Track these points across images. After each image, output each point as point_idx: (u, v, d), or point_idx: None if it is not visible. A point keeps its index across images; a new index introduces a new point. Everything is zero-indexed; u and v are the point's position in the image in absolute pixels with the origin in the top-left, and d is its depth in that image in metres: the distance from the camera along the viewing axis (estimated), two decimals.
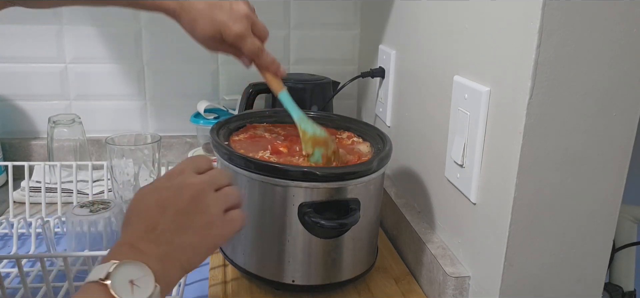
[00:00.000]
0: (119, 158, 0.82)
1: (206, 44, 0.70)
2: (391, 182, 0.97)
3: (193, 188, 0.48)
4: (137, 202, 0.47)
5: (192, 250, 0.47)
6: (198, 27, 0.67)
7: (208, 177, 0.50)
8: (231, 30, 0.67)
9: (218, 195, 0.49)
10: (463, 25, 0.68)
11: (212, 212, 0.48)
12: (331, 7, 1.18)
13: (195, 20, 0.67)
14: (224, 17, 0.67)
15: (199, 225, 0.47)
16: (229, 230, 0.49)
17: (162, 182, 0.49)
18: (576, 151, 0.57)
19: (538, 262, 0.61)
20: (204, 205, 0.48)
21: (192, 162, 0.51)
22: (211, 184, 0.49)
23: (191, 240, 0.46)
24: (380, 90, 1.02)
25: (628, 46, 0.54)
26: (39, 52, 1.11)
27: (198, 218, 0.47)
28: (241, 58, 0.72)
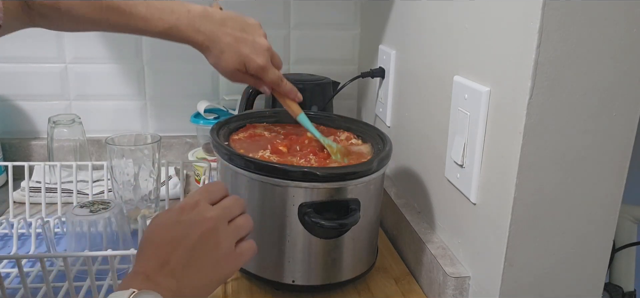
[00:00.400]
0: (119, 159, 0.82)
1: (230, 74, 0.74)
2: (391, 182, 0.97)
3: (206, 224, 0.49)
4: (151, 233, 0.49)
5: (203, 285, 0.48)
6: (224, 59, 0.72)
7: (221, 209, 0.51)
8: (255, 63, 0.73)
9: (230, 228, 0.51)
10: (463, 25, 0.68)
11: (223, 248, 0.50)
12: (331, 7, 1.18)
13: (223, 52, 0.72)
14: (248, 50, 0.73)
15: (209, 262, 0.48)
16: (238, 264, 0.51)
17: (176, 215, 0.50)
18: (576, 151, 0.57)
19: (538, 262, 0.61)
20: (215, 242, 0.49)
21: (206, 192, 0.52)
22: (224, 218, 0.51)
23: (201, 276, 0.48)
24: (380, 90, 1.02)
25: (628, 46, 0.54)
26: (39, 52, 1.11)
27: (209, 255, 0.48)
28: (261, 87, 0.76)
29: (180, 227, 0.49)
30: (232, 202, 0.53)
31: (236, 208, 0.52)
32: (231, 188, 0.71)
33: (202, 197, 0.51)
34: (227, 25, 0.73)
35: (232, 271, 0.51)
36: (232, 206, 0.52)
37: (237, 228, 0.51)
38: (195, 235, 0.48)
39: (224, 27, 0.72)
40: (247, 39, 0.73)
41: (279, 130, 0.83)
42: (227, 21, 0.73)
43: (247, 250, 0.52)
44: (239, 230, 0.52)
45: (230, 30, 0.72)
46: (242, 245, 0.52)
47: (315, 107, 1.04)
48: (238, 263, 0.51)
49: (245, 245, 0.52)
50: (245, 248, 0.52)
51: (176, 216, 0.50)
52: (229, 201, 0.53)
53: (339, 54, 1.22)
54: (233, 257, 0.50)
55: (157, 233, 0.49)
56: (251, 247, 0.52)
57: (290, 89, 0.78)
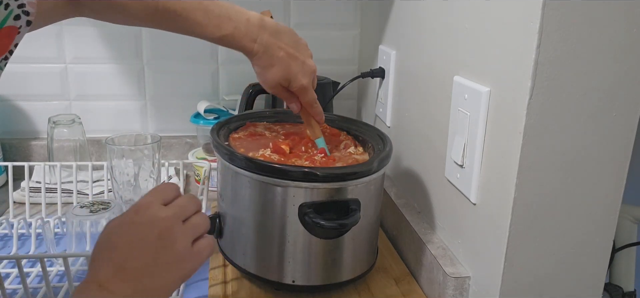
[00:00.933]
0: (119, 159, 0.82)
1: (271, 86, 0.74)
2: (391, 182, 0.97)
3: (161, 224, 0.48)
4: (106, 237, 0.47)
5: (161, 287, 0.47)
6: (273, 71, 0.72)
7: (176, 208, 0.50)
8: (300, 82, 0.73)
9: (186, 227, 0.50)
10: (463, 25, 0.68)
11: (180, 247, 0.48)
12: (331, 7, 1.18)
13: (273, 66, 0.72)
14: (297, 69, 0.73)
15: (167, 262, 0.47)
16: (197, 263, 0.50)
17: (130, 217, 0.48)
18: (576, 151, 0.57)
19: (538, 262, 0.61)
20: (172, 241, 0.48)
21: (159, 193, 0.51)
22: (179, 217, 0.49)
23: (160, 278, 0.47)
24: (380, 91, 1.02)
25: (628, 46, 0.54)
26: (39, 52, 1.11)
27: (166, 255, 0.47)
28: (292, 103, 0.77)
29: (134, 229, 0.47)
30: (186, 201, 0.52)
31: (191, 207, 0.51)
32: (231, 188, 0.71)
33: (154, 198, 0.50)
34: (282, 39, 0.72)
35: (191, 271, 0.50)
36: (187, 205, 0.51)
37: (193, 226, 0.50)
38: (151, 237, 0.47)
39: (279, 40, 0.72)
40: (299, 58, 0.73)
41: (278, 130, 0.83)
42: (281, 34, 0.72)
43: (204, 248, 0.51)
44: (195, 229, 0.50)
45: (284, 45, 0.72)
46: (199, 243, 0.51)
47: None
48: (196, 263, 0.50)
49: (202, 242, 0.51)
50: (203, 246, 0.51)
51: (130, 218, 0.48)
52: (183, 200, 0.52)
53: (339, 54, 1.22)
54: (191, 256, 0.49)
55: (111, 238, 0.47)
56: (209, 244, 0.51)
57: (319, 111, 0.78)
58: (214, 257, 0.81)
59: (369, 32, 1.14)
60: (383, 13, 1.01)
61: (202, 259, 0.50)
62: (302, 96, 0.76)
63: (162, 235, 0.48)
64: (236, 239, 0.72)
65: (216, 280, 0.76)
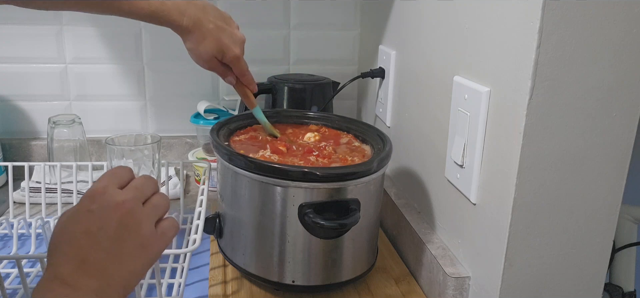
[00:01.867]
0: (119, 159, 0.82)
1: (205, 61, 0.76)
2: (391, 182, 0.97)
3: (120, 209, 0.45)
4: (62, 229, 0.44)
5: (129, 274, 0.44)
6: (205, 45, 0.74)
7: (133, 191, 0.47)
8: (232, 52, 0.76)
9: (147, 209, 0.47)
10: (463, 25, 0.68)
11: (144, 230, 0.46)
12: (331, 7, 1.18)
13: (205, 38, 0.74)
14: (227, 40, 0.75)
15: (132, 248, 0.44)
16: (163, 245, 0.47)
17: (86, 205, 0.45)
18: (576, 151, 0.57)
19: (538, 262, 0.61)
20: (135, 225, 0.45)
21: (113, 176, 0.47)
22: (138, 199, 0.46)
23: (127, 265, 0.44)
24: (380, 91, 1.02)
25: (628, 46, 0.54)
26: (39, 52, 1.11)
27: (130, 240, 0.44)
28: (227, 77, 0.80)
29: (93, 217, 0.44)
30: (143, 181, 0.48)
31: (148, 188, 0.48)
32: (231, 189, 0.71)
33: (109, 182, 0.46)
34: (209, 13, 0.74)
35: (157, 253, 0.47)
36: (144, 185, 0.48)
37: (154, 207, 0.47)
38: (111, 223, 0.44)
39: (206, 14, 0.74)
40: (227, 29, 0.76)
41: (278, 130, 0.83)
42: (207, 8, 0.75)
43: (169, 228, 0.48)
44: (156, 209, 0.48)
45: (212, 18, 0.74)
46: (162, 224, 0.48)
47: (315, 107, 1.04)
48: (162, 244, 0.47)
49: (166, 223, 0.48)
50: (167, 227, 0.48)
51: (86, 207, 0.44)
52: (140, 181, 0.48)
53: (339, 54, 1.22)
54: (156, 237, 0.46)
55: (69, 230, 0.43)
56: (173, 224, 0.49)
57: (252, 80, 0.81)
58: (214, 257, 0.81)
59: (369, 32, 1.14)
60: (383, 13, 1.01)
61: (167, 240, 0.48)
62: (236, 66, 0.78)
63: (124, 220, 0.44)
64: (236, 239, 0.72)
65: (216, 280, 0.76)
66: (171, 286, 0.73)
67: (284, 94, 1.05)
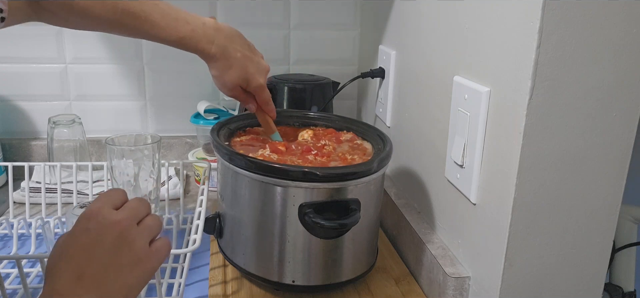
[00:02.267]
0: (119, 159, 0.82)
1: (229, 88, 0.78)
2: (391, 182, 0.97)
3: (116, 227, 0.47)
4: (59, 248, 0.46)
5: (126, 289, 0.46)
6: (230, 73, 0.76)
7: (128, 211, 0.49)
8: (257, 81, 0.78)
9: (141, 228, 0.49)
10: (463, 25, 0.68)
11: (139, 248, 0.48)
12: (331, 7, 1.18)
13: (231, 67, 0.76)
14: (254, 69, 0.77)
15: (127, 263, 0.46)
16: (156, 262, 0.49)
17: (83, 225, 0.47)
18: (576, 151, 0.57)
19: (538, 262, 0.61)
20: (129, 243, 0.47)
21: (108, 198, 0.50)
22: (132, 218, 0.49)
23: (123, 280, 0.46)
24: (380, 91, 1.02)
25: (628, 46, 0.54)
26: (39, 52, 1.11)
27: (125, 257, 0.46)
28: (249, 104, 0.80)
29: (89, 235, 0.46)
30: (137, 203, 0.51)
31: (142, 209, 0.51)
32: (231, 189, 0.71)
33: (104, 203, 0.49)
34: (236, 42, 0.76)
35: (151, 271, 0.49)
36: (138, 207, 0.50)
37: (148, 227, 0.50)
38: (108, 240, 0.46)
39: (234, 43, 0.75)
40: (253, 59, 0.77)
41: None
42: (235, 37, 0.76)
43: (162, 246, 0.50)
44: (150, 229, 0.50)
45: (239, 47, 0.76)
46: (156, 243, 0.50)
47: (315, 107, 1.04)
48: (156, 262, 0.49)
49: (159, 242, 0.50)
50: (160, 246, 0.50)
51: (83, 226, 0.47)
52: (134, 203, 0.51)
53: (339, 54, 1.22)
54: (150, 255, 0.48)
55: (66, 248, 0.46)
56: (166, 243, 0.51)
57: (273, 108, 0.82)
58: (214, 257, 0.81)
59: (369, 32, 1.14)
60: (383, 13, 1.01)
61: (161, 258, 0.50)
62: (259, 95, 0.79)
63: (119, 237, 0.47)
64: (236, 239, 0.72)
65: (216, 280, 0.76)
66: (171, 286, 0.73)
67: (284, 94, 1.05)
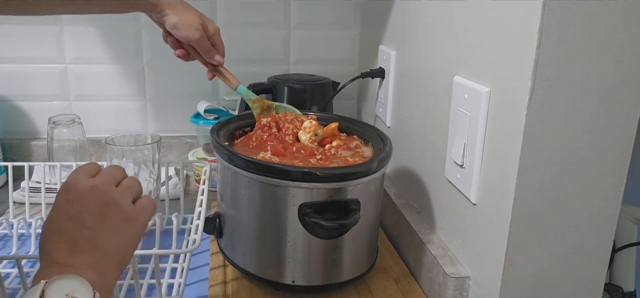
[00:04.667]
0: (119, 159, 0.82)
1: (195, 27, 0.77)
2: (391, 182, 0.97)
3: (96, 191, 0.47)
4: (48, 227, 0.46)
5: (120, 247, 0.47)
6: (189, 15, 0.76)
7: (104, 176, 0.49)
8: (214, 24, 0.79)
9: (121, 189, 0.49)
10: (463, 25, 0.68)
11: (124, 206, 0.48)
12: (331, 7, 1.18)
13: (188, 9, 0.76)
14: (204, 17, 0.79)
15: (117, 222, 0.47)
16: (145, 218, 0.50)
17: (63, 198, 0.47)
18: (576, 151, 0.57)
19: (538, 262, 0.61)
20: (113, 202, 0.48)
21: (82, 169, 0.50)
22: (110, 182, 0.49)
23: (116, 238, 0.46)
24: (380, 91, 1.02)
25: (628, 46, 0.54)
26: (39, 52, 1.11)
27: (113, 216, 0.47)
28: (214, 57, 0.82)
29: (72, 204, 0.46)
30: (112, 169, 0.51)
31: (118, 173, 0.51)
32: (231, 189, 0.71)
33: (79, 174, 0.49)
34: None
35: (141, 227, 0.49)
36: (113, 172, 0.51)
37: (128, 187, 0.50)
38: (91, 204, 0.46)
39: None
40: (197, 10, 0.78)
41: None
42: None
43: (147, 203, 0.51)
44: (130, 189, 0.50)
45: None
46: (140, 201, 0.50)
47: (315, 107, 1.04)
48: (144, 218, 0.50)
49: (143, 200, 0.51)
50: (145, 203, 0.51)
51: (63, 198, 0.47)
52: (108, 169, 0.51)
53: (339, 54, 1.22)
54: (136, 212, 0.49)
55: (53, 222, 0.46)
56: (149, 200, 0.51)
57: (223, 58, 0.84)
58: (214, 257, 0.81)
59: (369, 32, 1.14)
60: (383, 13, 1.01)
61: (148, 213, 0.50)
62: (218, 41, 0.81)
63: (102, 200, 0.47)
64: (236, 239, 0.72)
65: (216, 280, 0.76)
66: (171, 286, 0.73)
67: (284, 94, 1.05)
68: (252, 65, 0.82)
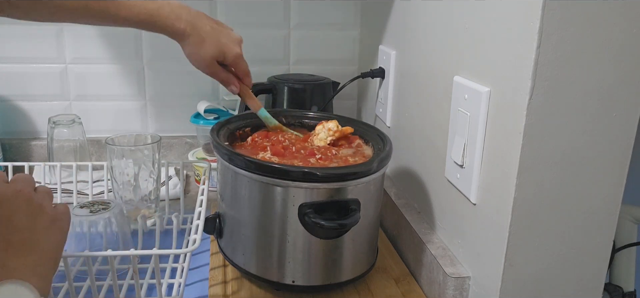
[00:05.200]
0: (119, 159, 0.82)
1: (207, 64, 0.76)
2: (391, 182, 0.97)
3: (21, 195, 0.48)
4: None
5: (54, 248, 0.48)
6: (204, 47, 0.74)
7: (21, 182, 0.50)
8: (233, 51, 0.77)
9: (41, 194, 0.50)
10: (463, 25, 0.68)
11: (48, 209, 0.49)
12: (331, 7, 1.18)
13: (204, 40, 0.74)
14: (226, 40, 0.76)
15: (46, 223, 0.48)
16: (67, 221, 0.52)
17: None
18: (576, 151, 0.57)
19: (538, 262, 0.61)
20: (38, 206, 0.49)
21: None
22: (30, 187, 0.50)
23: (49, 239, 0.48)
24: (380, 91, 1.02)
25: (628, 46, 0.54)
26: (39, 52, 1.11)
27: (41, 219, 0.48)
28: (230, 86, 0.80)
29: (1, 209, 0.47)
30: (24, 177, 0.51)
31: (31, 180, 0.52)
32: (231, 189, 0.71)
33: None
34: (203, 18, 0.75)
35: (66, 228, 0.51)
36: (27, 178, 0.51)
37: (44, 193, 0.51)
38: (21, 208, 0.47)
39: (201, 19, 0.75)
40: (223, 31, 0.77)
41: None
42: (200, 14, 0.76)
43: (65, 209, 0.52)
44: (47, 195, 0.51)
45: (207, 21, 0.75)
46: (58, 207, 0.52)
47: (315, 107, 1.04)
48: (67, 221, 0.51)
49: (60, 206, 0.52)
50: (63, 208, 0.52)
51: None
52: (20, 177, 0.51)
53: (339, 54, 1.22)
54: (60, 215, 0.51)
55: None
56: (66, 206, 0.53)
57: (251, 81, 0.82)
58: (214, 257, 0.81)
59: (369, 32, 1.14)
60: (383, 13, 1.01)
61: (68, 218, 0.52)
62: (238, 66, 0.79)
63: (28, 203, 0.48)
64: (236, 239, 0.72)
65: (216, 280, 0.76)
66: (171, 286, 0.73)
67: (284, 94, 1.05)
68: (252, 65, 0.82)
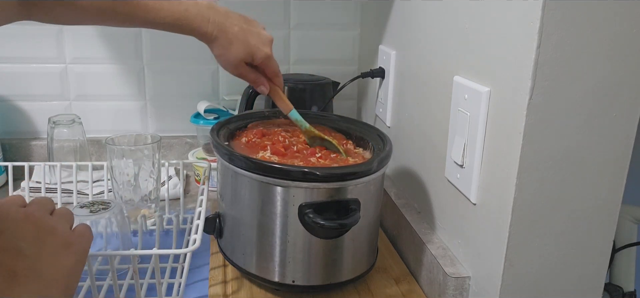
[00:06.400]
0: (119, 159, 0.82)
1: (235, 66, 0.75)
2: (391, 182, 0.97)
3: (31, 219, 0.45)
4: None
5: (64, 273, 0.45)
6: (233, 50, 0.73)
7: (35, 205, 0.48)
8: (262, 52, 0.75)
9: (56, 217, 0.48)
10: (463, 25, 0.68)
11: (62, 233, 0.47)
12: (331, 7, 1.18)
13: (232, 43, 0.73)
14: (255, 41, 0.75)
15: (56, 248, 0.45)
16: (85, 244, 0.49)
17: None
18: (576, 151, 0.57)
19: (538, 262, 0.61)
20: (50, 229, 0.46)
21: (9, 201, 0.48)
22: (43, 210, 0.48)
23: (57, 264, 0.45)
24: (380, 91, 1.02)
25: (628, 46, 0.54)
26: (39, 52, 1.11)
27: (51, 244, 0.45)
28: (260, 85, 0.78)
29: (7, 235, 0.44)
30: (42, 199, 0.50)
31: (49, 203, 0.49)
32: (231, 189, 0.71)
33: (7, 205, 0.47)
34: (232, 17, 0.74)
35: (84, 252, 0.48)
36: (44, 201, 0.49)
37: (61, 215, 0.49)
38: (28, 233, 0.44)
39: (230, 19, 0.73)
40: (253, 31, 0.75)
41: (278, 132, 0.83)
42: (230, 14, 0.74)
43: (85, 230, 0.49)
44: (64, 217, 0.49)
45: (236, 21, 0.74)
46: (77, 228, 0.49)
47: (315, 107, 1.04)
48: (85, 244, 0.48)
49: (80, 227, 0.49)
50: (83, 229, 0.49)
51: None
52: (38, 199, 0.49)
53: (339, 54, 1.22)
54: (75, 238, 0.48)
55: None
56: (87, 227, 0.50)
57: (282, 82, 0.81)
58: (214, 257, 0.81)
59: (369, 32, 1.14)
60: (383, 13, 1.01)
61: (87, 239, 0.49)
62: (268, 67, 0.77)
63: (38, 228, 0.45)
64: (236, 239, 0.73)
65: (216, 280, 0.76)
66: (171, 286, 0.73)
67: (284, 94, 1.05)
68: None
